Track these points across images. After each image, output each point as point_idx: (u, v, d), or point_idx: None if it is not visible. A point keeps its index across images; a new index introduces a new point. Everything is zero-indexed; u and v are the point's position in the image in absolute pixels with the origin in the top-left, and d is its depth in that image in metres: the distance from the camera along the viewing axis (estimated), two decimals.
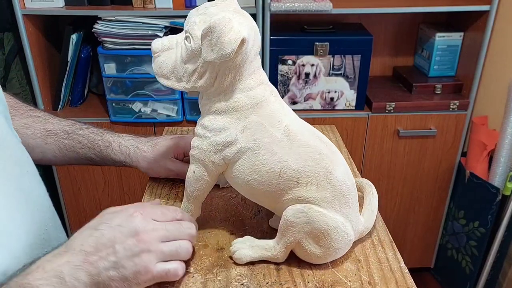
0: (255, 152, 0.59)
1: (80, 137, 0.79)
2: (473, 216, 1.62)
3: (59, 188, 1.65)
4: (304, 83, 1.58)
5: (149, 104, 1.53)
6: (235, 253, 0.62)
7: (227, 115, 0.59)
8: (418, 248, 1.90)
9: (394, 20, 1.77)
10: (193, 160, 0.63)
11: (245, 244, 0.63)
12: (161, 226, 0.57)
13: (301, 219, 0.58)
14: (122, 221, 0.55)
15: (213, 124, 0.60)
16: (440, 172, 1.73)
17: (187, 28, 0.57)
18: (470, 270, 1.68)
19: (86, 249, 0.51)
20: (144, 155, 0.79)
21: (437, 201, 1.79)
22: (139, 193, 1.66)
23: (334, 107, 1.62)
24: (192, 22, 0.57)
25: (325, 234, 0.59)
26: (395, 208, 1.80)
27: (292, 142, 0.59)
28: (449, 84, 1.68)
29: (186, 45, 0.57)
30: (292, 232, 0.59)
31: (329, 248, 0.60)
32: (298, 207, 0.58)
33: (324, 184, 0.58)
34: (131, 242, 0.53)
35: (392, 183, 1.75)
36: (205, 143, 0.60)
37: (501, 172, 1.52)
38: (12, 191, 0.57)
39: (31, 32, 1.45)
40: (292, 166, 0.58)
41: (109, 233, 0.53)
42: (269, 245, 0.62)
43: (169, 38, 0.59)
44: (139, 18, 1.41)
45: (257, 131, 0.58)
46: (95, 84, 1.71)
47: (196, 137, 0.62)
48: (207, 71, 0.58)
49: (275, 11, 1.44)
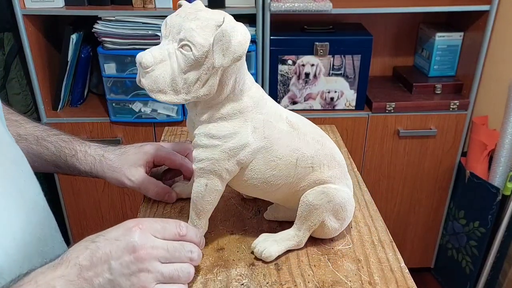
0: (269, 149, 0.60)
1: (48, 143, 0.75)
2: (473, 216, 1.62)
3: (59, 188, 1.65)
4: (304, 83, 1.58)
5: (149, 104, 1.53)
6: (264, 253, 0.63)
7: (234, 119, 0.58)
8: (418, 248, 1.90)
9: (394, 20, 1.77)
10: (203, 173, 0.59)
11: (268, 242, 0.64)
12: (161, 245, 0.53)
13: (324, 199, 0.62)
14: (120, 234, 0.52)
15: (220, 131, 0.58)
16: (440, 172, 1.73)
17: (182, 36, 0.53)
18: (470, 270, 1.68)
19: (81, 263, 0.49)
20: (109, 163, 0.73)
21: (437, 201, 1.79)
22: (139, 193, 1.66)
23: (334, 107, 1.62)
24: (188, 29, 0.53)
25: (343, 207, 0.64)
26: (395, 208, 1.80)
27: (299, 132, 0.62)
28: (449, 84, 1.68)
29: (184, 54, 0.53)
30: (316, 214, 0.63)
31: (345, 219, 0.65)
32: (318, 190, 0.62)
33: (332, 162, 0.64)
34: (128, 258, 0.50)
35: (392, 183, 1.75)
36: (216, 152, 0.58)
37: (501, 172, 1.52)
38: (7, 190, 0.56)
39: (31, 32, 1.45)
40: (306, 153, 0.61)
41: (105, 246, 0.50)
42: (291, 234, 0.65)
43: (159, 50, 0.55)
44: (139, 18, 1.41)
45: (266, 129, 0.59)
46: (95, 84, 1.71)
47: (202, 149, 0.59)
48: (210, 78, 0.55)
49: (275, 11, 1.44)
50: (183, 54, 0.53)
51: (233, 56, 0.53)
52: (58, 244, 0.65)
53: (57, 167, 0.76)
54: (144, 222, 0.54)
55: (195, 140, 0.59)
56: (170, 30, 0.54)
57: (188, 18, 0.54)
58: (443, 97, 1.66)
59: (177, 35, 0.54)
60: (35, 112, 1.60)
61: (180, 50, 0.54)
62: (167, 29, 0.55)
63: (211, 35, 0.53)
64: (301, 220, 0.64)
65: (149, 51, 0.55)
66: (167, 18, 0.55)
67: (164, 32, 0.55)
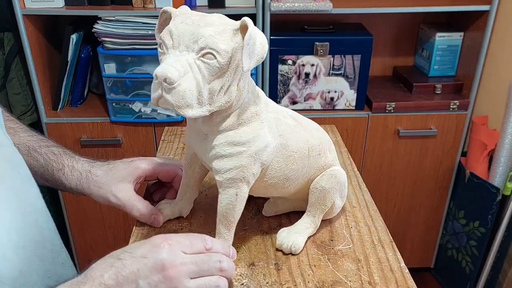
0: (286, 145, 0.61)
1: (39, 155, 0.72)
2: (473, 216, 1.62)
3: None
4: (304, 83, 1.58)
5: (149, 104, 1.53)
6: (293, 247, 0.65)
7: (252, 122, 0.58)
8: (418, 248, 1.90)
9: (394, 20, 1.77)
10: (231, 183, 0.58)
11: (292, 236, 0.66)
12: (190, 260, 0.51)
13: (333, 181, 0.66)
14: (147, 251, 0.49)
15: (243, 136, 0.57)
16: (440, 172, 1.73)
17: (203, 44, 0.50)
18: (470, 270, 1.68)
19: (106, 282, 0.47)
20: (95, 179, 0.69)
21: (437, 201, 1.79)
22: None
23: (334, 107, 1.62)
24: (208, 36, 0.50)
25: (345, 185, 0.69)
26: (395, 208, 1.80)
27: (302, 124, 0.65)
28: (449, 84, 1.68)
29: (207, 63, 0.51)
30: (329, 197, 0.67)
31: (345, 196, 0.71)
32: (328, 174, 0.67)
33: (331, 146, 0.69)
34: (157, 278, 0.48)
35: (393, 183, 1.75)
36: (243, 159, 0.57)
37: (501, 172, 1.52)
38: (3, 191, 0.56)
39: (31, 32, 1.45)
40: (313, 143, 0.65)
41: (131, 264, 0.48)
42: (308, 222, 0.68)
43: (179, 62, 0.51)
44: (139, 18, 1.41)
45: (279, 126, 0.61)
46: (95, 84, 1.71)
47: (226, 158, 0.57)
48: (231, 85, 0.54)
49: (275, 11, 1.44)
50: (205, 63, 0.51)
51: (257, 58, 0.53)
52: (57, 246, 0.65)
53: (45, 180, 0.72)
54: (172, 238, 0.52)
55: (216, 152, 0.57)
56: (180, 39, 0.51)
57: (200, 24, 0.51)
58: (443, 97, 1.66)
59: (194, 44, 0.51)
60: (35, 112, 1.60)
61: (202, 59, 0.51)
62: (174, 39, 0.51)
63: (230, 40, 0.52)
64: (315, 206, 0.67)
65: (168, 65, 0.50)
66: (171, 28, 0.52)
67: (170, 42, 0.52)
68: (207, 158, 0.59)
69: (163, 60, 0.52)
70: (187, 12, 0.55)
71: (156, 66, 0.52)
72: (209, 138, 0.58)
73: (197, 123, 0.58)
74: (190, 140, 0.63)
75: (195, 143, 0.61)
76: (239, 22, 0.53)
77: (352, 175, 0.85)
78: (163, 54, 0.53)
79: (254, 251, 0.66)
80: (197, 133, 0.60)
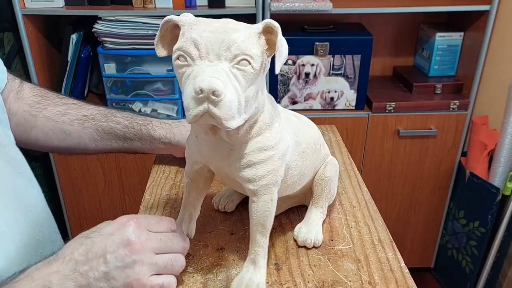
0: (299, 142, 0.62)
1: (119, 118, 0.79)
2: (473, 216, 1.62)
3: (59, 188, 1.65)
4: (304, 83, 1.58)
5: (149, 104, 1.53)
6: (316, 240, 0.67)
7: (273, 125, 0.57)
8: (418, 248, 1.90)
9: (395, 20, 1.77)
10: (266, 189, 0.57)
11: (310, 229, 0.68)
12: (155, 237, 0.54)
13: (334, 169, 0.70)
14: (114, 229, 0.52)
15: (271, 140, 0.56)
16: (440, 172, 1.73)
17: (237, 51, 0.48)
18: (470, 270, 1.67)
19: (76, 258, 0.50)
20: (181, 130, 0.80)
21: (437, 201, 1.79)
22: (139, 192, 1.66)
23: (334, 107, 1.62)
24: (241, 42, 0.48)
25: (338, 171, 0.72)
26: (395, 208, 1.80)
27: (302, 120, 0.66)
28: (449, 84, 1.68)
29: (243, 69, 0.49)
30: (333, 185, 0.70)
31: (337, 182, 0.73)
32: (328, 163, 0.70)
33: (322, 138, 0.71)
34: (123, 252, 0.51)
35: (393, 183, 1.75)
36: (274, 162, 0.56)
37: (501, 172, 1.52)
38: (3, 191, 0.56)
39: (31, 32, 1.45)
40: (315, 136, 0.67)
41: (100, 241, 0.51)
42: (318, 213, 0.70)
43: (217, 72, 0.48)
44: (139, 18, 1.41)
45: (289, 125, 0.61)
46: (95, 84, 1.71)
47: (258, 165, 0.55)
48: (259, 90, 0.52)
49: (275, 11, 1.44)
50: (241, 71, 0.49)
51: (284, 58, 0.52)
52: (58, 246, 0.65)
53: (124, 139, 0.79)
54: (138, 217, 0.55)
55: (247, 160, 0.55)
56: (208, 48, 0.48)
57: (227, 31, 0.49)
58: (443, 97, 1.66)
59: (226, 52, 0.48)
60: None
61: (237, 67, 0.49)
62: (201, 49, 0.48)
63: (257, 43, 0.51)
64: (322, 197, 0.70)
65: (209, 76, 0.47)
66: (195, 37, 0.48)
67: (196, 53, 0.48)
68: (234, 170, 0.56)
69: (198, 73, 0.48)
70: (202, 20, 0.52)
71: (156, 66, 0.50)
72: (235, 149, 0.55)
73: (217, 137, 0.55)
74: (200, 157, 0.59)
75: (212, 159, 0.58)
76: (261, 25, 0.51)
77: (352, 175, 0.85)
78: (187, 67, 0.49)
79: None
80: (214, 148, 0.56)
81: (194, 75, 0.48)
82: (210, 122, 0.49)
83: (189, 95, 0.47)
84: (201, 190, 0.65)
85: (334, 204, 0.77)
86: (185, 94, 0.48)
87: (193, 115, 0.48)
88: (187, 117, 0.49)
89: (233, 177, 0.58)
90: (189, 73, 0.49)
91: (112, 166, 1.62)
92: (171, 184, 0.81)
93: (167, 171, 0.86)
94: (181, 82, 0.50)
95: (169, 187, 0.81)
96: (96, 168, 1.62)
